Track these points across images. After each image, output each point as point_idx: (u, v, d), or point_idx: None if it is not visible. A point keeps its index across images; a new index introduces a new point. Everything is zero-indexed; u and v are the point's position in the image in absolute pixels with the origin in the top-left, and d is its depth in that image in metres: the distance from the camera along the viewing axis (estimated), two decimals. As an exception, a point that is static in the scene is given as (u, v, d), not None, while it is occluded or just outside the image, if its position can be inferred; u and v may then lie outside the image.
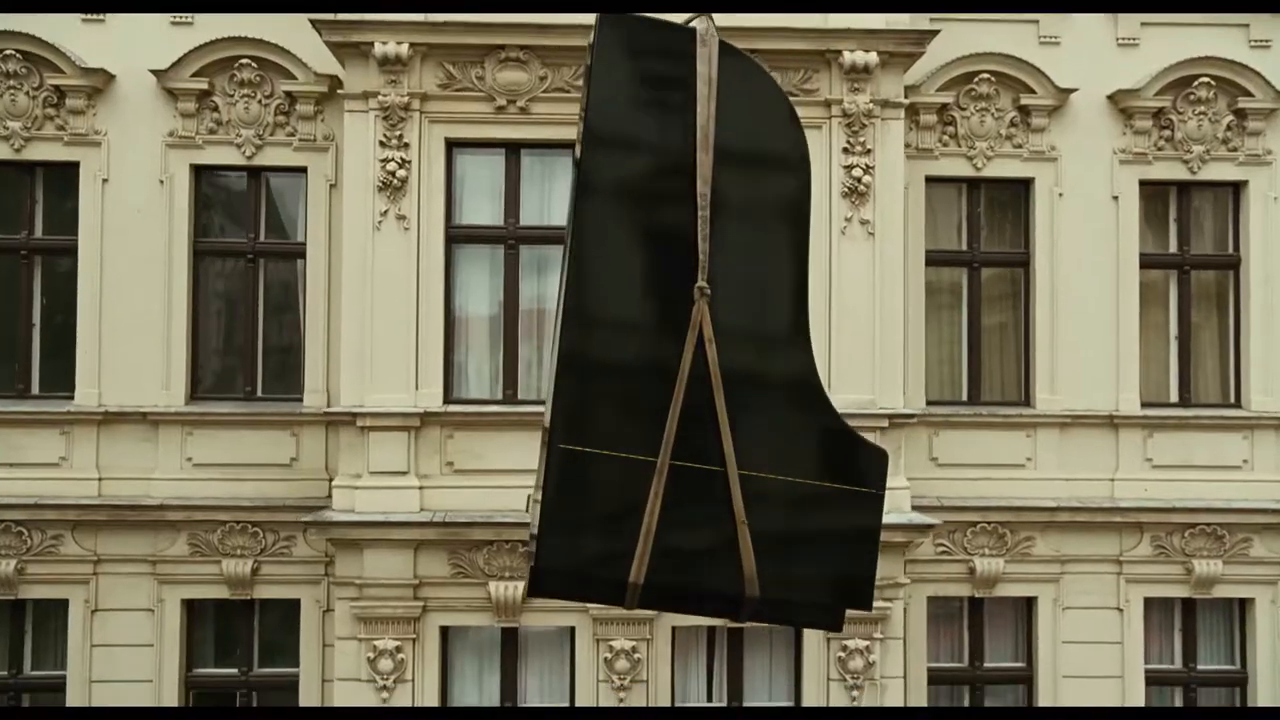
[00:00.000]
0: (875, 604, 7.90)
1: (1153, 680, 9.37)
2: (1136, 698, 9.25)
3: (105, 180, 9.00)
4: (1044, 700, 9.20)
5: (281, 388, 9.25)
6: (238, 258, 9.26)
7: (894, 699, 8.24)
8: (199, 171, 9.12)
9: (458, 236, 8.31)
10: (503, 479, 7.96)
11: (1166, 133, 9.38)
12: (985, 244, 9.52)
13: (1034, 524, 9.17)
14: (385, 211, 8.03)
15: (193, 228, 9.11)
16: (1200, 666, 9.53)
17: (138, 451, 8.98)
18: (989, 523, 9.13)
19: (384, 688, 7.90)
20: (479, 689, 8.32)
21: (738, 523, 3.55)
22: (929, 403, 9.21)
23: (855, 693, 8.05)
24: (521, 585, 8.00)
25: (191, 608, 9.13)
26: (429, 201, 8.10)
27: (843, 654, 8.10)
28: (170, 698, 8.95)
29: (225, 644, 9.27)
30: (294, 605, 9.00)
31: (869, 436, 7.97)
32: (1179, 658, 9.56)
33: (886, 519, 7.57)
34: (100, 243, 8.97)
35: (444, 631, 8.18)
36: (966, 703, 9.38)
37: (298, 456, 9.01)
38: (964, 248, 9.52)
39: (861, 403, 8.13)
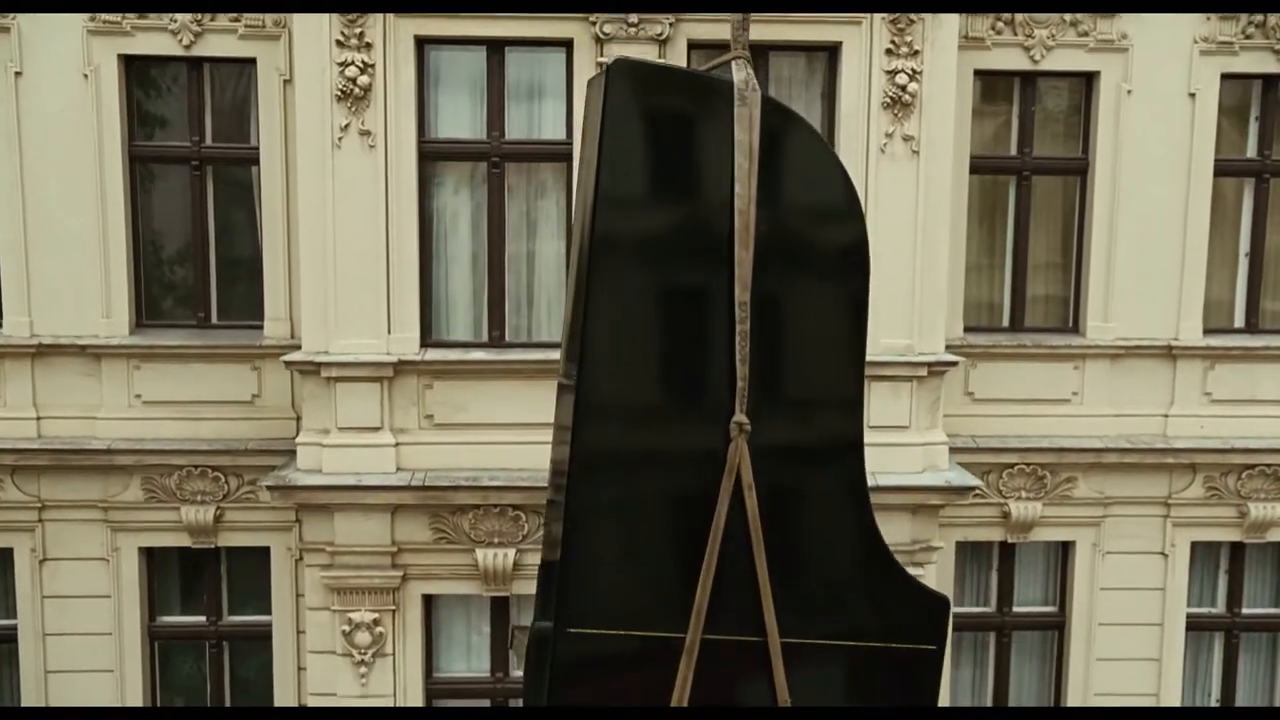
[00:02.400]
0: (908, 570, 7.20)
1: (1193, 626, 8.70)
2: (1175, 646, 8.61)
3: (18, 74, 7.69)
4: (1076, 647, 8.55)
5: (239, 314, 8.18)
6: (181, 164, 8.03)
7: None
8: (129, 63, 7.80)
9: (432, 154, 7.10)
10: (489, 434, 7.10)
11: (1257, 17, 8.07)
12: (1038, 149, 8.31)
13: (1077, 465, 8.31)
14: (346, 126, 6.80)
15: (126, 130, 7.85)
16: (1245, 611, 8.86)
17: (79, 388, 7.98)
18: (1028, 464, 8.26)
19: (362, 662, 7.16)
20: (467, 661, 7.59)
21: (779, 702, 3.02)
22: (966, 329, 8.21)
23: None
24: (512, 553, 7.19)
25: (151, 556, 8.32)
26: (397, 113, 6.86)
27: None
28: (133, 649, 8.24)
29: (190, 593, 8.51)
30: (263, 553, 8.20)
31: (904, 387, 7.18)
32: (1222, 602, 8.88)
33: (920, 479, 6.77)
34: (19, 149, 7.72)
35: (427, 600, 7.38)
36: (993, 649, 8.74)
37: (260, 393, 8.02)
38: (1014, 153, 8.31)
39: (897, 349, 7.12)
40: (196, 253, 8.09)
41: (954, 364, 7.30)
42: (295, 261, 7.46)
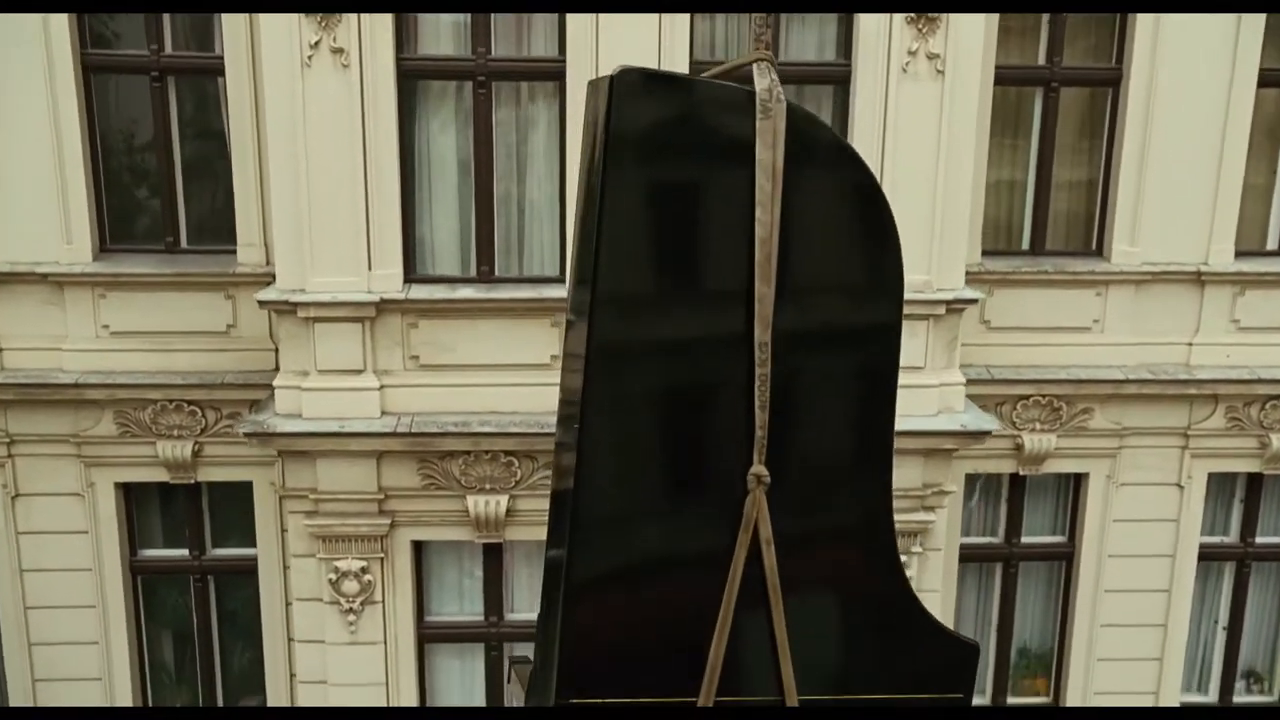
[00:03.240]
0: (917, 516, 6.91)
1: (1204, 555, 8.48)
2: (1186, 578, 8.40)
3: (-44, -20, 6.99)
4: (1085, 579, 8.33)
5: (210, 238, 7.66)
6: (140, 75, 7.39)
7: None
8: (75, -37, 7.10)
9: (412, 72, 6.48)
10: (478, 375, 6.71)
11: (1309, -83, 7.38)
12: (1068, 58, 7.69)
13: (1095, 396, 7.95)
14: (316, 43, 6.17)
15: (77, 36, 7.19)
16: (1259, 540, 8.64)
17: (43, 318, 7.51)
18: (1043, 396, 7.89)
19: (350, 610, 6.90)
20: (460, 604, 7.34)
21: None
22: (984, 254, 7.73)
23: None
24: (505, 499, 6.86)
25: (128, 491, 7.99)
26: (372, 27, 6.22)
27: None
28: (114, 584, 7.98)
29: (172, 528, 8.21)
30: (245, 487, 7.87)
31: (919, 326, 6.75)
32: (1235, 532, 8.65)
33: (935, 423, 6.41)
34: (-41, 59, 7.09)
35: (416, 547, 7.08)
36: (999, 580, 8.53)
37: (235, 323, 7.57)
38: (1041, 62, 7.69)
39: (914, 285, 6.61)
40: (162, 173, 7.51)
41: (974, 301, 6.85)
42: (268, 185, 6.91)
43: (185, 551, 8.14)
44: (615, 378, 2.64)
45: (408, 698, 7.12)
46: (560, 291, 6.63)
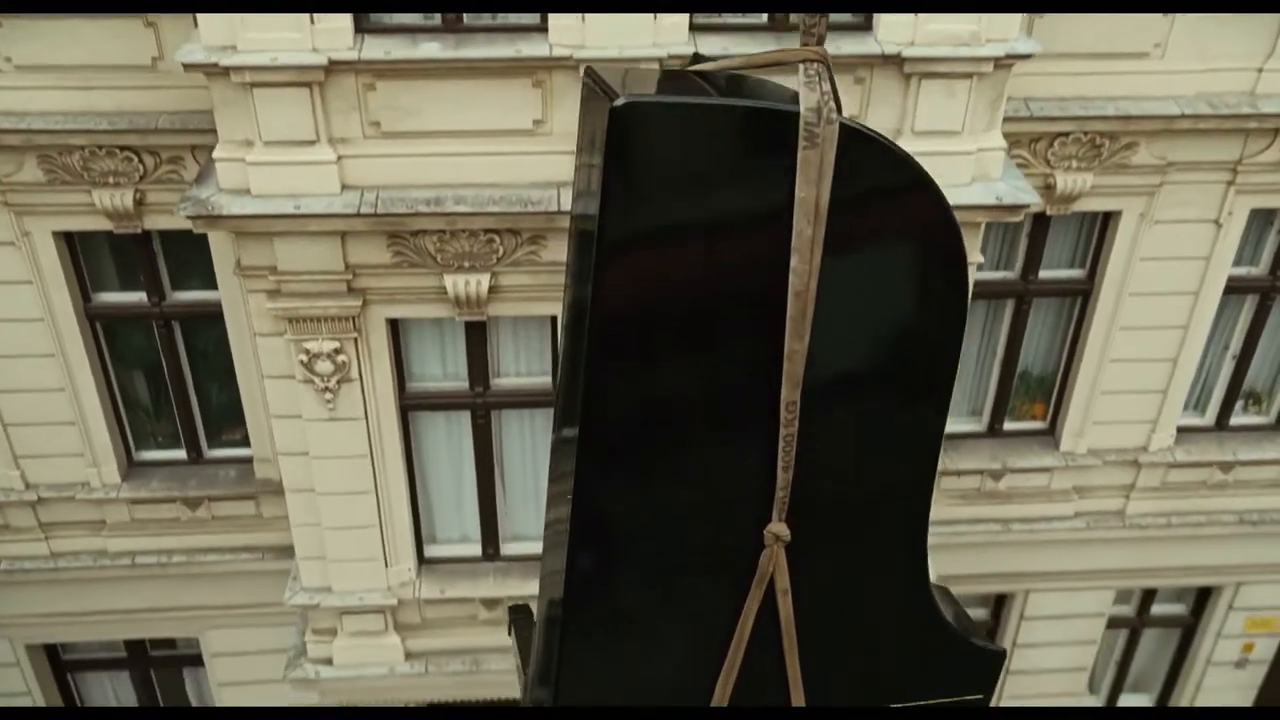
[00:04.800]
0: None
1: (1230, 289, 8.02)
2: (1206, 313, 8.00)
3: None
4: (1101, 315, 7.92)
5: (118, -48, 6.38)
6: None
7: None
8: None
9: None
10: (449, 143, 5.86)
11: None
12: None
13: (1143, 132, 7.11)
14: None
15: None
16: (1289, 274, 8.17)
17: (-69, 51, 6.42)
18: (1085, 133, 7.05)
19: (326, 389, 6.46)
20: (443, 374, 6.88)
21: None
22: (1038, -32, 6.56)
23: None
24: (486, 278, 6.21)
25: (70, 240, 7.27)
26: None
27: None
28: (71, 331, 7.50)
29: (127, 274, 7.57)
30: (200, 236, 7.13)
31: (960, 86, 5.82)
32: (1266, 264, 8.13)
33: (967, 194, 5.76)
34: None
35: (393, 324, 6.51)
36: (1009, 316, 8.11)
37: (162, 55, 6.50)
38: None
39: (958, 37, 5.63)
40: None
41: (1029, 56, 5.83)
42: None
43: (143, 296, 7.56)
44: (624, 365, 2.22)
45: (393, 468, 6.88)
46: (543, 47, 5.59)
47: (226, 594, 8.59)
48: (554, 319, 6.57)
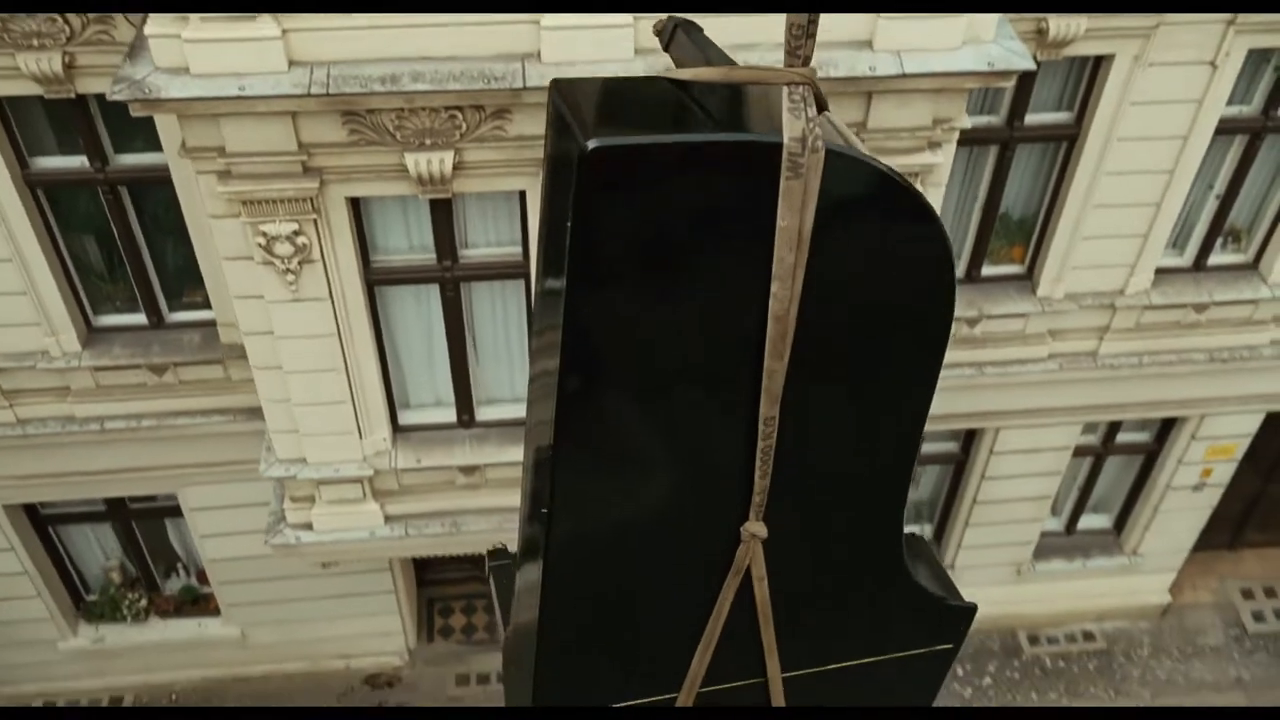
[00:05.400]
0: (921, 158, 6.15)
1: (1221, 130, 7.77)
2: (1194, 158, 7.77)
3: None
4: (1087, 160, 7.68)
5: None
6: None
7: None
8: None
9: None
10: (405, 13, 5.36)
11: None
12: None
13: (1143, -29, 6.69)
14: None
15: None
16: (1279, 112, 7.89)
17: None
18: (1084, -26, 6.62)
19: (288, 271, 6.20)
20: (408, 246, 6.60)
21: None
22: None
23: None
24: (450, 155, 5.88)
25: (0, 107, 6.79)
26: None
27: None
28: (10, 199, 7.12)
29: (65, 139, 7.11)
30: (139, 97, 6.67)
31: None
32: (1259, 104, 7.85)
33: (956, 60, 5.53)
34: None
35: (354, 203, 6.19)
36: (990, 162, 7.86)
37: (77, -97, 5.89)
38: None
39: (958, -111, 5.17)
40: None
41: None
42: None
43: (84, 161, 7.14)
44: (596, 398, 2.24)
45: (362, 344, 6.71)
46: (501, -92, 5.08)
47: (200, 453, 8.55)
48: (523, 194, 6.27)
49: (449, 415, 7.46)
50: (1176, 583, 11.40)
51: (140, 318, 8.03)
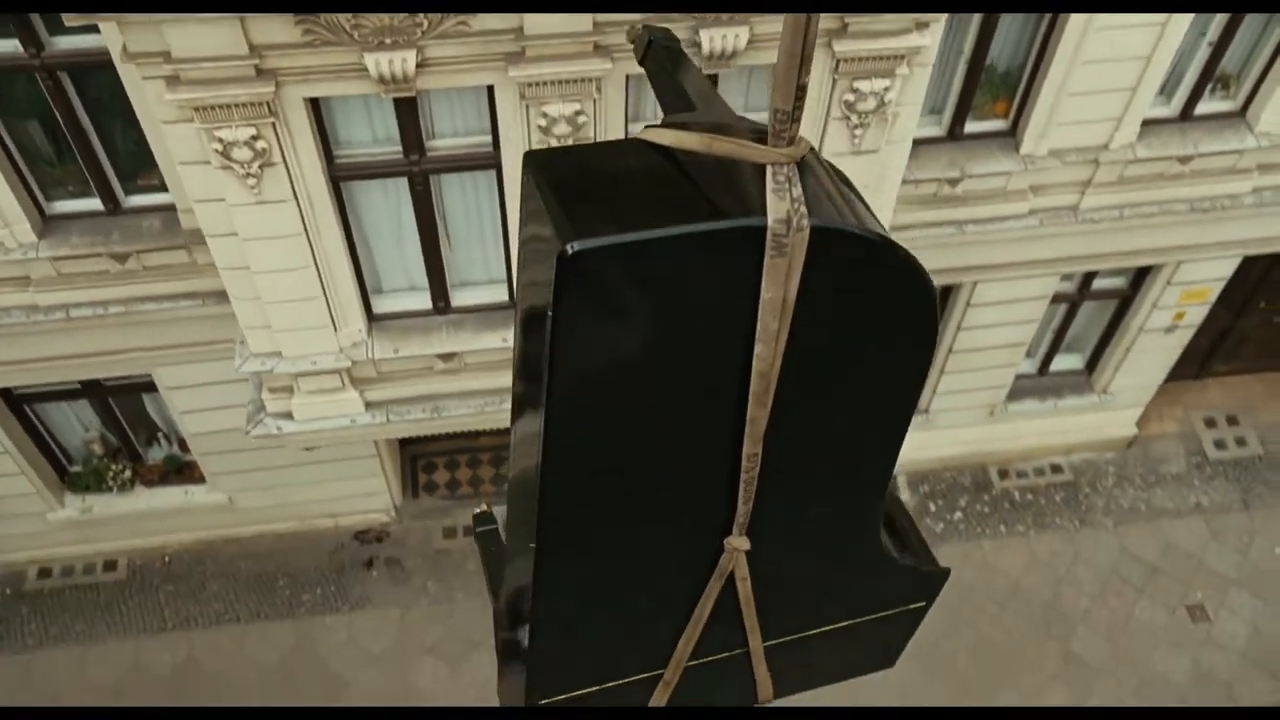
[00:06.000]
0: (909, 40, 5.91)
1: (1215, -20, 7.44)
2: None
3: None
4: (1078, 14, 7.37)
5: None
6: None
7: (904, 126, 6.50)
8: None
9: None
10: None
11: None
12: None
13: None
14: None
15: None
16: (1279, -42, 7.52)
17: None
18: None
19: (248, 175, 5.93)
20: (372, 138, 6.30)
21: (758, 686, 3.14)
22: None
23: (858, 132, 6.29)
24: (412, 54, 5.54)
25: (-82, -6, 6.29)
26: None
27: (852, 96, 6.09)
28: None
29: (-8, 23, 6.64)
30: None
31: None
32: (1259, -50, 7.48)
33: None
34: None
35: (314, 104, 5.86)
36: (978, 15, 7.51)
37: None
38: None
39: None
40: None
41: None
42: None
43: (17, 45, 6.69)
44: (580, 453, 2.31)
45: (331, 241, 6.51)
46: None
47: (172, 336, 8.41)
48: (490, 88, 5.95)
49: (424, 301, 7.33)
50: (1143, 415, 11.67)
51: (96, 203, 7.72)
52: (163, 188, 7.61)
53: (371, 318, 7.27)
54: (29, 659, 10.14)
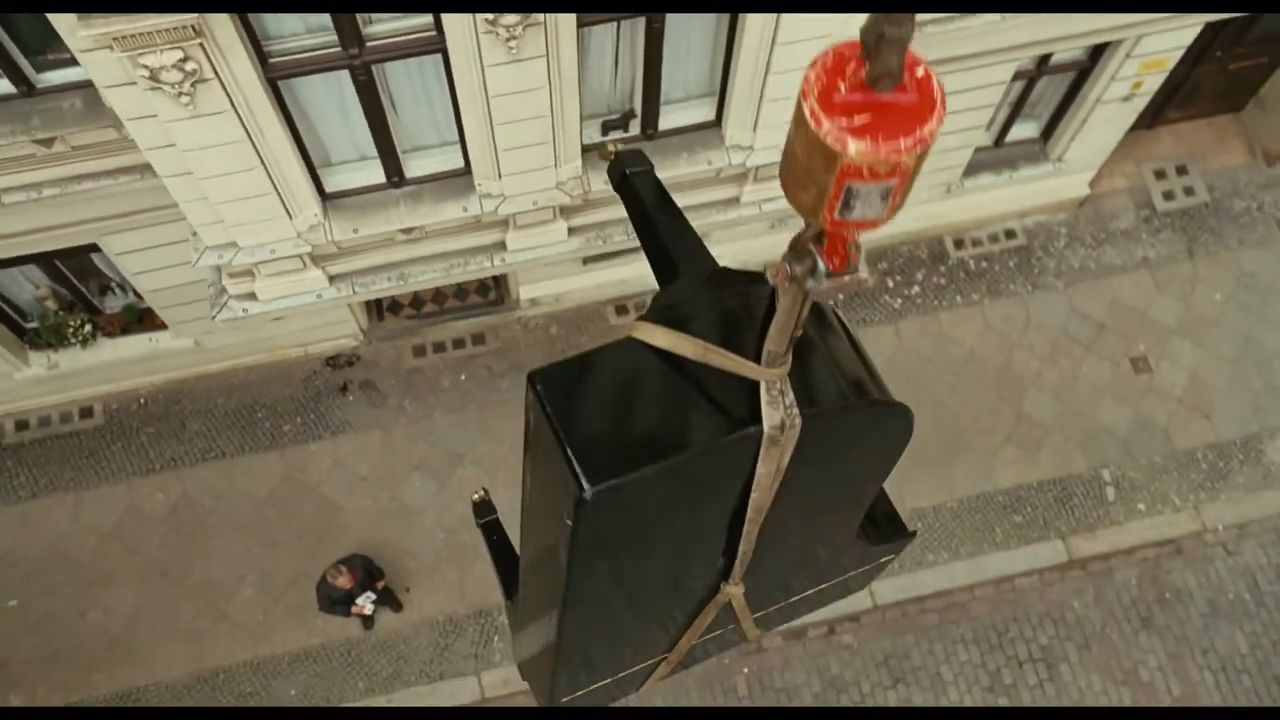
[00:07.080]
0: None
1: None
2: None
3: None
4: None
5: None
6: None
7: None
8: None
9: None
10: None
11: None
12: None
13: None
14: None
15: None
16: None
17: None
18: None
19: (181, 94, 5.56)
20: (304, 29, 5.85)
21: (746, 633, 3.58)
22: None
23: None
24: (344, -35, 5.09)
25: None
26: None
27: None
28: None
29: None
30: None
31: None
32: None
33: None
34: None
35: (243, 18, 5.40)
36: None
37: None
38: None
39: None
40: None
41: None
42: None
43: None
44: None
45: (276, 140, 6.19)
46: None
47: (114, 208, 8.09)
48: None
49: (377, 175, 7.08)
50: (1095, 174, 11.73)
51: (7, 85, 7.19)
52: (74, 61, 7.07)
53: (325, 198, 7.04)
54: (25, 508, 10.40)
